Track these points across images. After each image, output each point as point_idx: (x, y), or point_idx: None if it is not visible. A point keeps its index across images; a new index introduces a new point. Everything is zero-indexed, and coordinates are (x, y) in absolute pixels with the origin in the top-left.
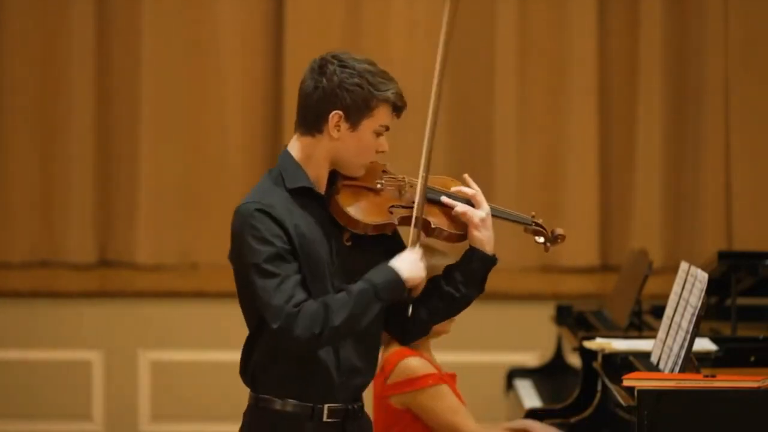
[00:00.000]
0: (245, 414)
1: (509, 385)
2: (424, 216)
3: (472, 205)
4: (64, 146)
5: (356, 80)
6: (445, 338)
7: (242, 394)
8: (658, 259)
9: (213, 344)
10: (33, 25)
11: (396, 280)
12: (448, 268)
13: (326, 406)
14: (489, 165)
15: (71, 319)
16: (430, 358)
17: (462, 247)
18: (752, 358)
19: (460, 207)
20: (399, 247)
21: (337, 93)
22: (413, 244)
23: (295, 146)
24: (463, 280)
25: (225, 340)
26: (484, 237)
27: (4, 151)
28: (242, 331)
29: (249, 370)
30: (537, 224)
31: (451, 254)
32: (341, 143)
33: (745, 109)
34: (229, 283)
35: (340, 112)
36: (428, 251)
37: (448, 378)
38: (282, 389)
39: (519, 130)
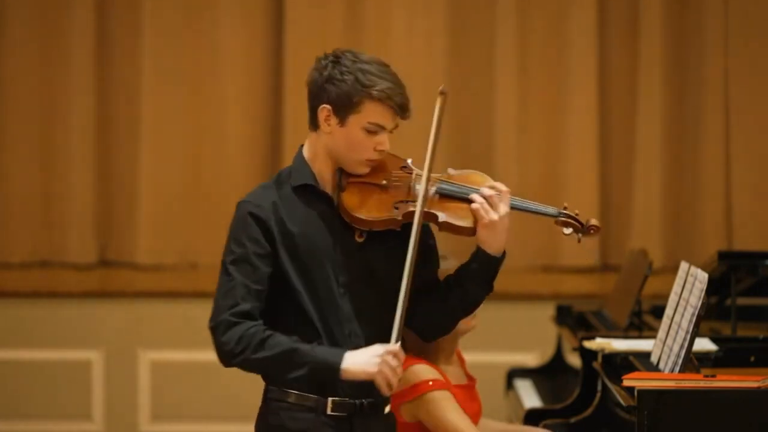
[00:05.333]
0: (260, 405)
1: (509, 385)
2: (433, 210)
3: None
4: (65, 147)
5: (345, 76)
6: None
7: (242, 393)
8: (658, 259)
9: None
10: (34, 27)
11: (332, 366)
12: (458, 268)
13: (329, 399)
14: (489, 165)
15: (71, 319)
16: (444, 368)
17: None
18: (752, 358)
19: (475, 204)
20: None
21: (326, 87)
22: (396, 339)
23: (305, 144)
24: (467, 279)
25: None
26: (490, 238)
27: (4, 152)
28: None
29: None
30: (565, 215)
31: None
32: (333, 138)
33: (745, 110)
34: None
35: (328, 106)
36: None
37: (457, 389)
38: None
39: (519, 130)
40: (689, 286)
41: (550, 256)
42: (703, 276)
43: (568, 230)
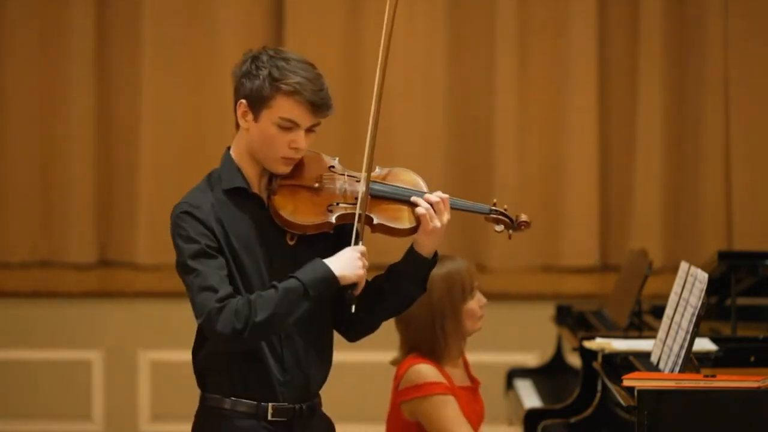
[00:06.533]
0: (196, 413)
1: (509, 385)
2: (368, 213)
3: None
4: (64, 146)
5: (260, 71)
6: None
7: None
8: (658, 259)
9: None
10: (34, 26)
11: (326, 277)
12: (389, 267)
13: (270, 404)
14: (489, 165)
15: (71, 319)
16: (450, 371)
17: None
18: (752, 358)
19: (421, 209)
20: (346, 243)
21: (243, 82)
22: (355, 242)
23: (232, 144)
24: (402, 279)
25: None
26: (429, 241)
27: (4, 151)
28: None
29: (197, 369)
30: (496, 212)
31: (463, 259)
32: (250, 135)
33: (745, 110)
34: None
35: (244, 102)
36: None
37: (461, 391)
38: (227, 388)
39: (519, 130)
40: (689, 286)
41: (550, 256)
42: (703, 276)
43: (499, 227)
